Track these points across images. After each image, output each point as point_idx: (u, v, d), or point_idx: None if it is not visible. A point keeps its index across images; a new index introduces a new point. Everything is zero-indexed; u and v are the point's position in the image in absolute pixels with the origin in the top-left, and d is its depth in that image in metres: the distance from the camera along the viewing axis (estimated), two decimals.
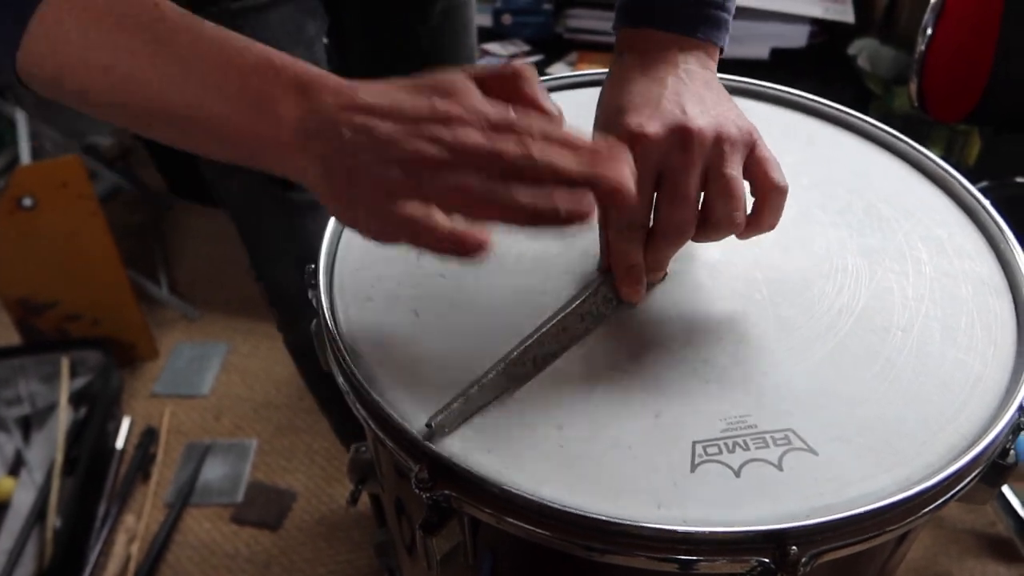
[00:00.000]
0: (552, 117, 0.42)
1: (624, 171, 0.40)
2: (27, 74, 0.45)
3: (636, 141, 0.45)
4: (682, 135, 0.45)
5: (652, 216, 0.47)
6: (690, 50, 0.51)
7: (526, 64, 0.45)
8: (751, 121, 0.48)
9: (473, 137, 0.40)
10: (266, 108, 0.43)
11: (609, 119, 0.48)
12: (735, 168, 0.46)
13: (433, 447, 0.42)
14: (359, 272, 0.53)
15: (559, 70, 1.55)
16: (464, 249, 0.41)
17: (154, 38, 0.43)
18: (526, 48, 1.59)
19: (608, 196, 0.40)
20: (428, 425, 0.43)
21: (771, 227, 0.48)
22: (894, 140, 0.63)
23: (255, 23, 0.71)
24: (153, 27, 0.43)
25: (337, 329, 0.49)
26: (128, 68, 0.43)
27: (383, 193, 0.41)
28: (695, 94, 0.48)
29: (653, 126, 0.45)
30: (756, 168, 0.47)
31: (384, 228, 0.43)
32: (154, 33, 0.43)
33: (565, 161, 0.40)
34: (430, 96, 0.42)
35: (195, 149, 0.46)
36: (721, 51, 0.53)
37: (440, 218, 0.41)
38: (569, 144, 0.41)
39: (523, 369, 0.46)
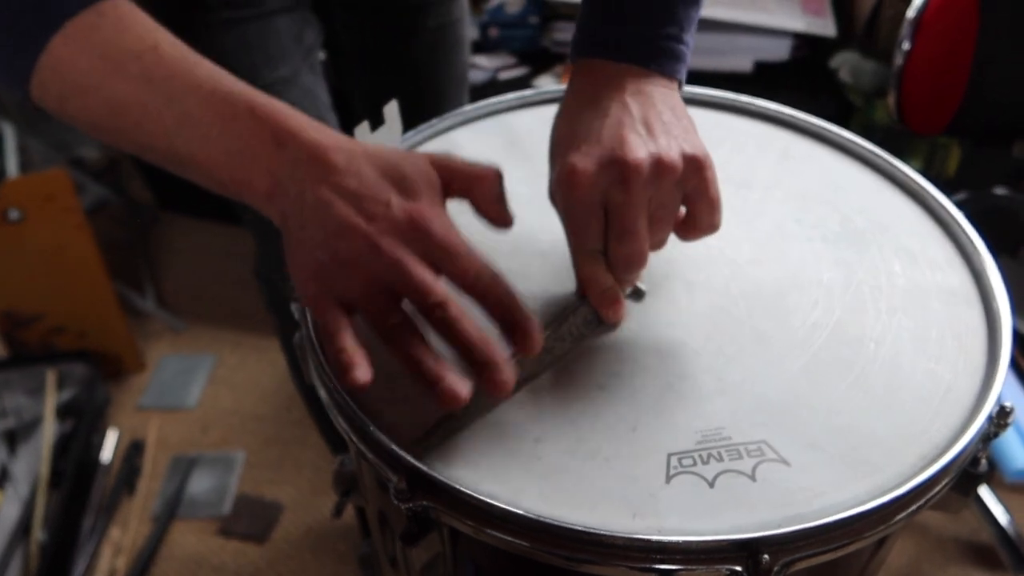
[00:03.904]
0: (486, 268, 0.44)
1: (510, 374, 0.43)
2: (38, 99, 0.48)
3: (571, 178, 0.46)
4: (619, 169, 0.45)
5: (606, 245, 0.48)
6: (643, 77, 0.51)
7: (492, 169, 0.47)
8: (705, 146, 0.48)
9: (407, 262, 0.42)
10: (244, 157, 0.45)
11: (553, 153, 0.50)
12: (669, 199, 0.47)
13: (412, 459, 0.43)
14: None
15: (545, 83, 1.56)
16: (343, 377, 0.42)
17: (148, 82, 0.46)
18: (512, 61, 1.60)
19: (488, 386, 0.43)
20: (413, 445, 0.44)
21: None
22: (869, 153, 0.64)
23: (263, 28, 0.72)
24: (149, 72, 0.46)
25: (319, 341, 0.50)
26: (125, 108, 0.46)
27: (314, 271, 0.44)
28: (640, 121, 0.48)
29: (586, 162, 0.46)
30: (698, 205, 0.48)
31: (305, 299, 0.46)
32: (149, 78, 0.46)
33: (470, 334, 0.42)
34: (391, 189, 0.44)
35: (189, 179, 0.49)
36: (680, 84, 0.53)
37: (342, 337, 0.43)
38: (490, 294, 0.44)
39: None
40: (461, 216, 0.46)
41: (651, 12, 0.51)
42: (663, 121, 0.48)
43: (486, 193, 0.47)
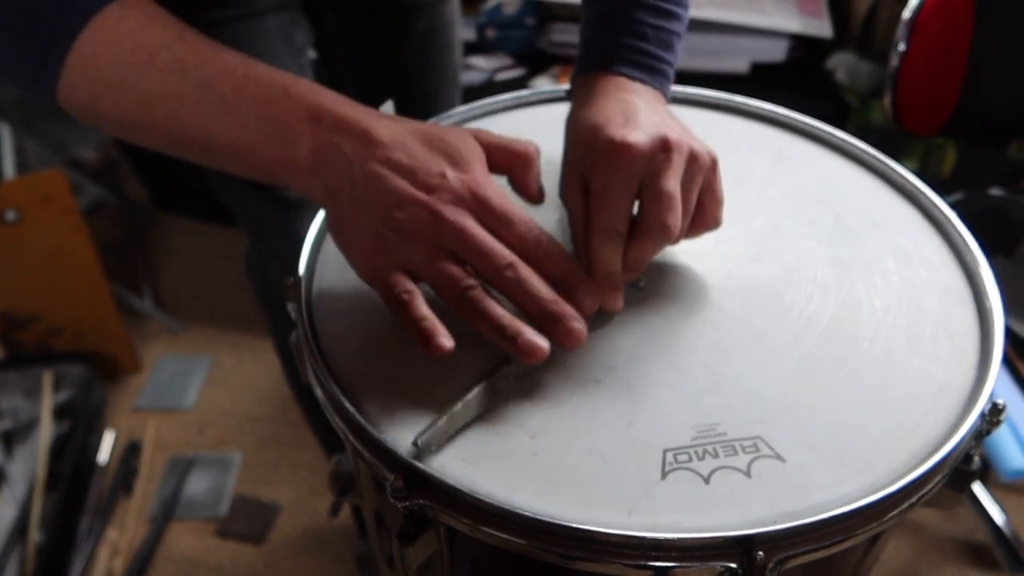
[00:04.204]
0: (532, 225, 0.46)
1: (581, 325, 0.44)
2: (65, 103, 0.48)
3: (622, 151, 0.47)
4: (663, 144, 0.47)
5: (636, 219, 0.48)
6: (651, 91, 0.54)
7: (532, 145, 0.49)
8: (712, 146, 0.51)
9: (471, 228, 0.43)
10: (284, 136, 0.46)
11: (587, 135, 0.50)
12: (693, 186, 0.49)
13: (408, 458, 0.43)
14: (339, 283, 0.54)
15: (542, 84, 1.56)
16: (426, 346, 0.43)
17: (181, 72, 0.46)
18: (509, 62, 1.60)
19: (561, 338, 0.44)
20: (414, 444, 0.44)
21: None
22: (863, 153, 0.64)
23: (252, 28, 0.73)
24: (181, 61, 0.46)
25: (316, 342, 0.50)
26: (158, 100, 0.46)
27: (375, 246, 0.44)
28: (659, 116, 0.51)
29: (637, 135, 0.47)
30: (709, 199, 0.51)
31: (366, 275, 0.47)
32: (181, 67, 0.46)
33: (541, 291, 0.44)
34: (443, 162, 0.45)
35: (221, 169, 0.49)
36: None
37: (419, 305, 0.44)
38: (550, 258, 0.45)
39: (505, 384, 0.47)
40: None
41: (658, 41, 0.55)
42: (678, 124, 0.51)
43: (526, 169, 0.49)
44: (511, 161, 0.49)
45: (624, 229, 0.48)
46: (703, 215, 0.51)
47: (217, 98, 0.46)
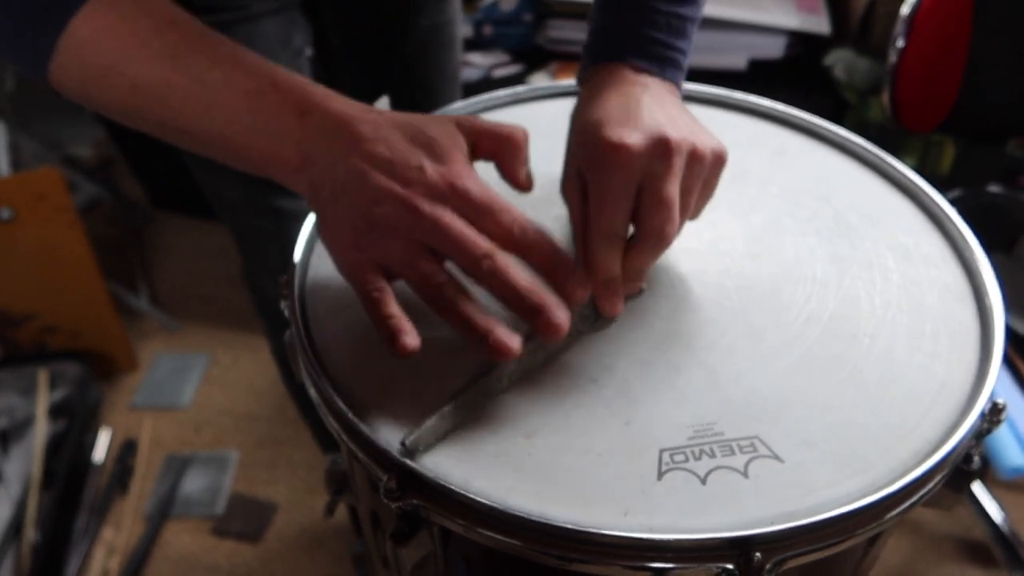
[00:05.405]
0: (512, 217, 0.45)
1: (564, 315, 0.43)
2: (58, 84, 0.48)
3: (618, 152, 0.46)
4: (662, 146, 0.46)
5: (633, 225, 0.48)
6: (661, 83, 0.53)
7: (520, 129, 0.48)
8: (719, 139, 0.49)
9: (447, 220, 0.43)
10: (272, 131, 0.46)
11: (587, 133, 0.49)
12: (693, 187, 0.48)
13: (402, 458, 0.42)
14: (333, 280, 0.53)
15: (540, 80, 1.56)
16: (392, 344, 0.43)
17: (172, 59, 0.46)
18: (507, 58, 1.60)
19: (543, 329, 0.43)
20: (402, 444, 0.43)
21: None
22: (862, 150, 0.64)
23: (249, 32, 0.72)
24: (172, 49, 0.46)
25: (310, 341, 0.49)
26: (148, 87, 0.46)
27: (353, 240, 0.44)
28: (666, 111, 0.49)
29: (634, 137, 0.46)
30: (701, 196, 0.50)
31: (343, 269, 0.46)
32: (172, 55, 0.46)
33: (519, 281, 0.43)
34: (422, 155, 0.44)
35: (210, 157, 0.49)
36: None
37: (388, 302, 0.44)
38: (535, 247, 0.44)
39: (498, 386, 0.46)
40: None
41: (669, 28, 0.53)
42: (687, 119, 0.50)
43: (514, 153, 0.48)
44: (497, 146, 0.48)
45: (624, 232, 0.47)
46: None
47: (207, 89, 0.46)
